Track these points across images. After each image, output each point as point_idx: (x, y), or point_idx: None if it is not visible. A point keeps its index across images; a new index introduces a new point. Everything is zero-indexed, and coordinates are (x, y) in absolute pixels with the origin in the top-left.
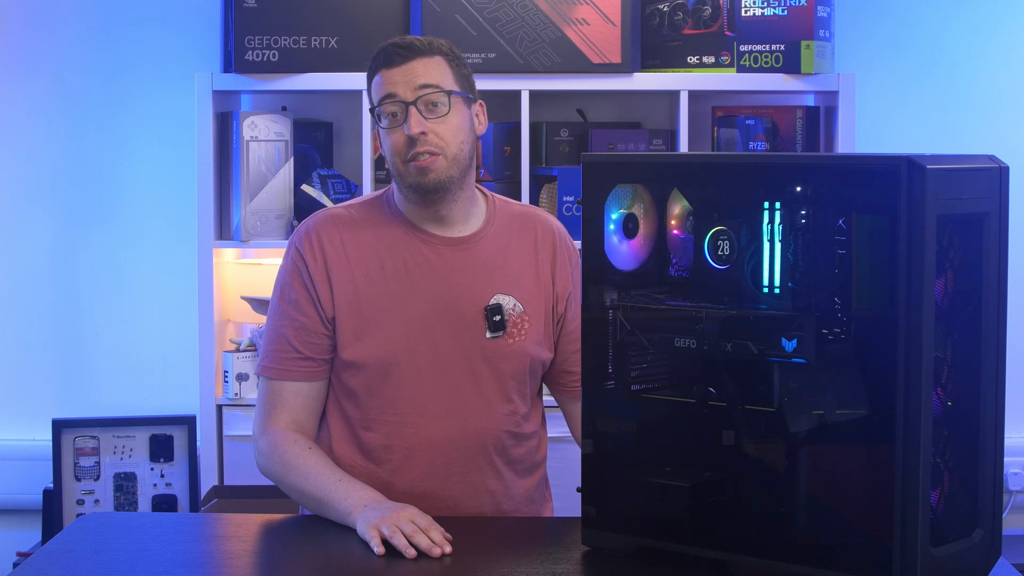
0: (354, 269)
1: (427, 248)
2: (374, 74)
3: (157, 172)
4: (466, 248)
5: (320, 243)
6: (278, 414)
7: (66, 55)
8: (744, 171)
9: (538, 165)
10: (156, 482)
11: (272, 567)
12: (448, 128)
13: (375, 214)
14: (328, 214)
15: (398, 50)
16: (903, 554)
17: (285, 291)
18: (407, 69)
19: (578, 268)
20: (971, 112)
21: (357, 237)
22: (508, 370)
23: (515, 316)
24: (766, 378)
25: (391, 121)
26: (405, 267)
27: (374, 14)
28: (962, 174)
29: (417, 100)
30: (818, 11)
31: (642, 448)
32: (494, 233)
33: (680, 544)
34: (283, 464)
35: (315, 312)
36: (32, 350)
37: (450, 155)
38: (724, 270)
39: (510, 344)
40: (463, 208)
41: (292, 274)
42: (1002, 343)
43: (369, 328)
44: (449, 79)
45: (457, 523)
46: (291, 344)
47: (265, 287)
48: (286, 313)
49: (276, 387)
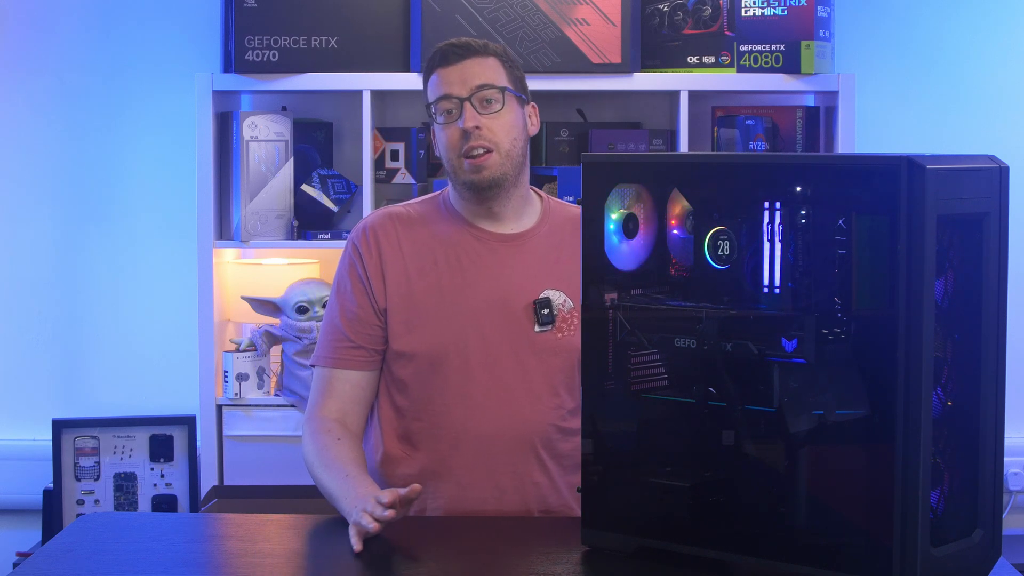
0: (408, 264)
1: (479, 244)
2: (430, 73)
3: (157, 172)
4: (518, 244)
5: (376, 239)
6: (326, 402)
7: (66, 55)
8: (744, 171)
9: (538, 165)
10: (156, 482)
11: (272, 567)
12: (502, 125)
13: (431, 212)
14: (386, 212)
15: (454, 49)
16: (903, 554)
17: (341, 284)
18: (462, 68)
19: None
20: (971, 112)
21: (413, 233)
22: (556, 364)
23: (564, 311)
24: (766, 378)
25: (447, 118)
26: (458, 262)
27: (374, 14)
28: (962, 174)
29: (472, 96)
30: (818, 11)
31: (642, 448)
32: (547, 231)
33: (680, 544)
34: (313, 452)
35: (368, 303)
36: (32, 350)
37: (503, 151)
38: (724, 270)
39: (559, 338)
40: (516, 206)
41: (348, 268)
42: (1002, 343)
43: (420, 320)
44: (503, 78)
45: (457, 523)
46: (344, 334)
47: (265, 287)
48: (341, 304)
49: (328, 375)
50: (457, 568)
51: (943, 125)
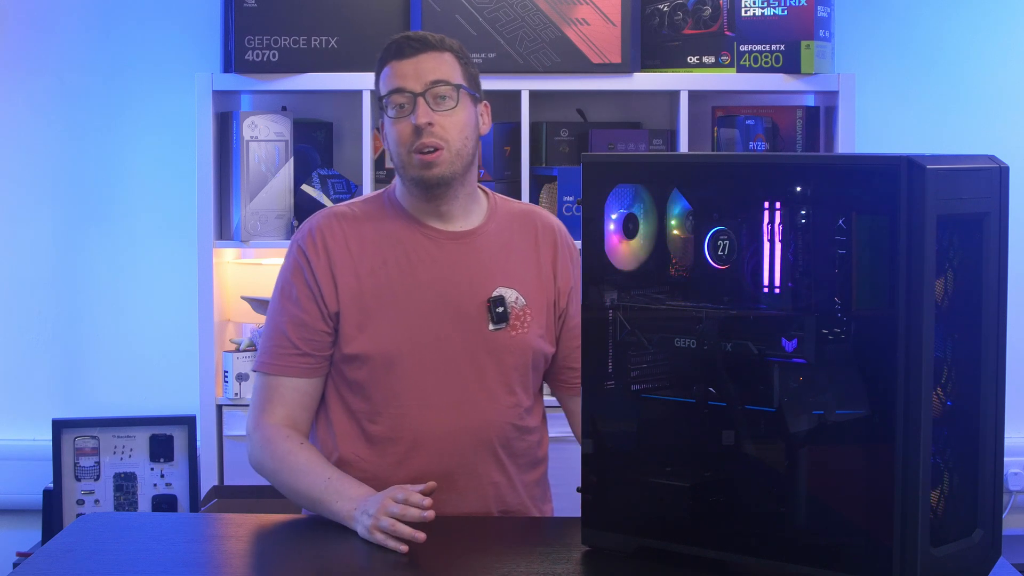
0: (358, 264)
1: (429, 242)
2: (384, 65)
3: (157, 172)
4: (468, 241)
5: (323, 240)
6: (272, 409)
7: (66, 55)
8: (744, 171)
9: (538, 165)
10: (156, 482)
11: (272, 567)
12: (454, 123)
13: (377, 210)
14: (330, 212)
15: (410, 43)
16: (903, 554)
17: (286, 288)
18: (417, 62)
19: (578, 265)
20: (971, 112)
21: (360, 233)
22: (511, 362)
23: (517, 309)
24: (766, 378)
25: (399, 112)
26: (408, 261)
27: (374, 14)
28: (962, 174)
29: (426, 92)
30: (818, 11)
31: (642, 448)
32: (496, 229)
33: (680, 544)
34: (275, 459)
35: (316, 309)
36: (32, 350)
37: (454, 149)
38: (724, 270)
39: (513, 336)
40: (464, 204)
41: (294, 271)
42: (1002, 343)
43: (372, 321)
44: (458, 75)
45: (457, 523)
46: (290, 340)
47: (265, 287)
48: (286, 310)
49: (272, 382)
50: (457, 568)
51: (943, 125)
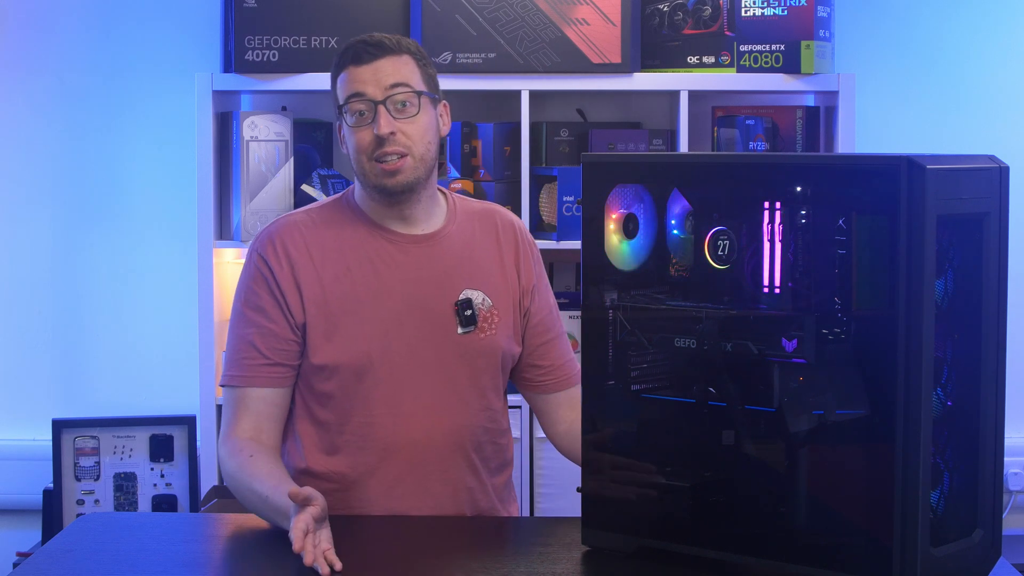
0: (321, 271)
1: (393, 247)
2: (340, 71)
3: (157, 172)
4: (432, 245)
5: (284, 247)
6: (240, 422)
7: (66, 55)
8: (744, 171)
9: (538, 165)
10: (156, 482)
11: (272, 567)
12: (417, 128)
13: (336, 216)
14: (288, 219)
15: (367, 48)
16: (903, 554)
17: (250, 298)
18: (376, 67)
19: (539, 261)
20: (971, 112)
21: (321, 239)
22: (481, 365)
23: (485, 310)
24: (766, 378)
25: (358, 119)
26: (372, 267)
27: (374, 14)
28: (962, 174)
29: (387, 99)
30: (818, 11)
31: (642, 448)
32: (457, 230)
33: (680, 544)
34: (230, 477)
35: (283, 318)
36: (32, 350)
37: (417, 156)
38: (724, 270)
39: (482, 339)
40: (426, 207)
41: (256, 280)
42: (1002, 343)
43: (340, 330)
44: (418, 79)
45: (457, 523)
46: (258, 350)
47: None
48: (251, 320)
49: (240, 395)
50: (457, 568)
51: (943, 125)
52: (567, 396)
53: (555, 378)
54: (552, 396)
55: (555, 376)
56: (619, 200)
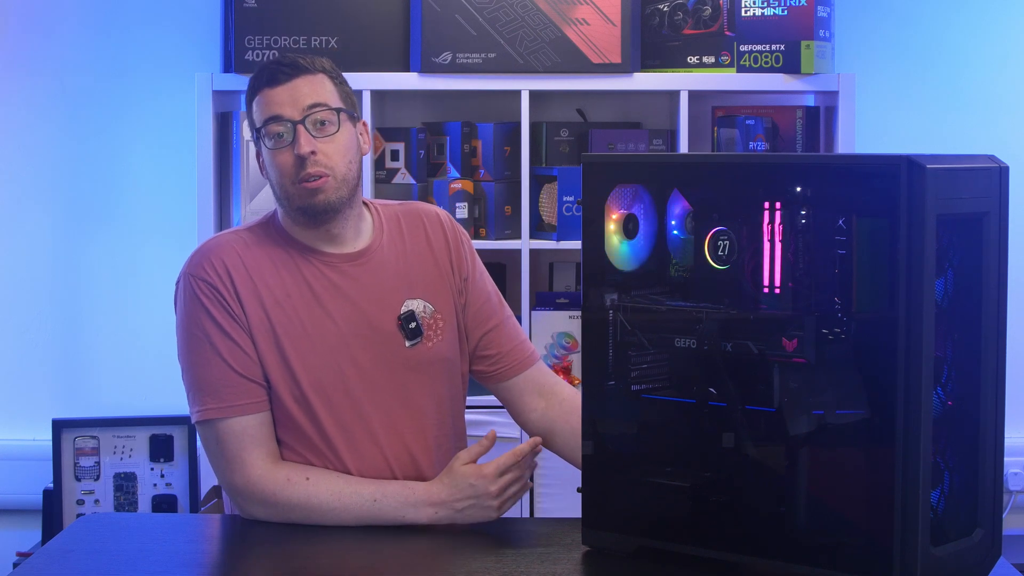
0: (262, 294)
1: (327, 268)
2: (255, 93)
3: (157, 172)
4: (365, 261)
5: (224, 265)
6: (249, 455)
7: (66, 55)
8: (744, 171)
9: (538, 165)
10: (156, 482)
11: (272, 567)
12: (337, 148)
13: (265, 239)
14: (220, 240)
15: (282, 68)
16: (903, 554)
17: (204, 324)
18: (292, 87)
19: (470, 246)
20: (971, 112)
21: (257, 261)
22: (435, 373)
23: (428, 319)
24: (766, 378)
25: (277, 142)
26: (311, 290)
27: (374, 14)
28: (962, 174)
29: (305, 119)
30: (818, 11)
31: (642, 448)
32: (388, 240)
33: (680, 544)
34: (295, 510)
35: (246, 336)
36: (32, 350)
37: (339, 175)
38: (724, 270)
39: (430, 348)
40: (354, 224)
41: (207, 305)
42: (1002, 343)
43: (288, 358)
44: (335, 97)
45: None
46: (237, 373)
47: None
48: (216, 345)
49: (233, 426)
50: (457, 568)
51: (943, 125)
52: (528, 380)
53: (507, 364)
54: (511, 383)
55: (507, 362)
56: (619, 200)
